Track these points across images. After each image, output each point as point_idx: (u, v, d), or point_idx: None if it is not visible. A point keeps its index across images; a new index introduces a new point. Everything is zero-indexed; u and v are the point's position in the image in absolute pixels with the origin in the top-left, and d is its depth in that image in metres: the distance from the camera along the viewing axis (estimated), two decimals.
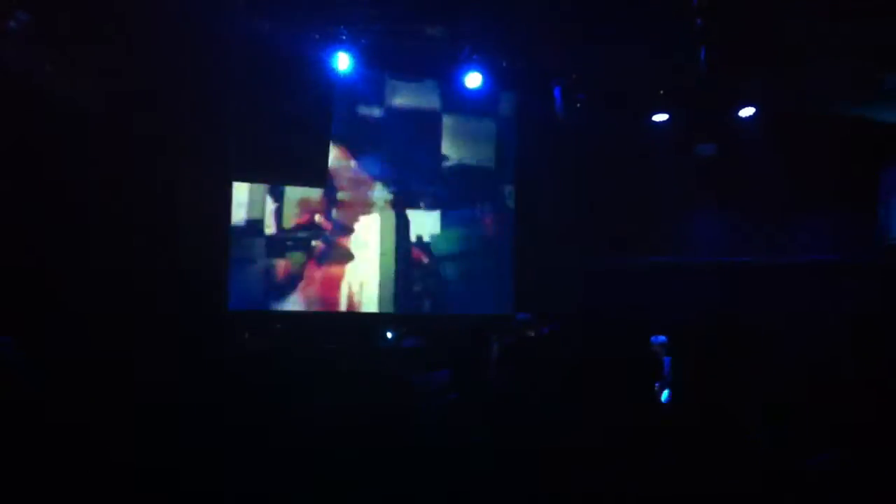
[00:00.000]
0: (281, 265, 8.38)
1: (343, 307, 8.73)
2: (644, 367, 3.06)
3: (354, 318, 8.68)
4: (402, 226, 9.10)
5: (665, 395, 5.41)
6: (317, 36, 7.08)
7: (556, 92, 8.21)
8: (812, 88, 7.47)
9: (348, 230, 8.77)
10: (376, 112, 8.87)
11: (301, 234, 8.46)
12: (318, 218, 8.55)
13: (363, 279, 8.87)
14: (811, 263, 8.81)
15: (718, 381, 3.39)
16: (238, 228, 7.75)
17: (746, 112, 8.10)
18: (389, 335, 6.34)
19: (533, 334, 6.92)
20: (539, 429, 2.76)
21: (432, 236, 9.25)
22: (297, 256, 8.47)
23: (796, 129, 8.29)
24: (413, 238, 9.16)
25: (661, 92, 8.15)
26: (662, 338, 7.08)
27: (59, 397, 3.02)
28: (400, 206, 9.09)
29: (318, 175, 7.11)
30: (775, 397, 3.84)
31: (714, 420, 3.12)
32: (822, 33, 6.16)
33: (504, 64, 7.93)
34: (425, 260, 9.21)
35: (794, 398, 3.75)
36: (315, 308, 8.58)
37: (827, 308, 8.27)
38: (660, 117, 8.46)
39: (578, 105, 8.31)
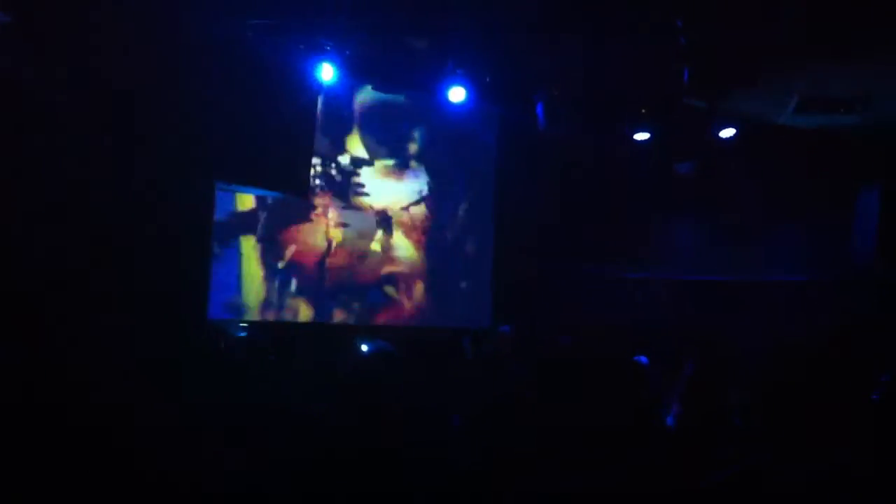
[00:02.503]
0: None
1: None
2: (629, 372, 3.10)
3: (328, 328, 8.68)
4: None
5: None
6: (301, 46, 7.09)
7: (539, 107, 8.26)
8: (791, 107, 7.59)
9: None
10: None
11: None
12: None
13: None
14: (786, 282, 8.92)
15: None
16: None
17: (727, 132, 8.20)
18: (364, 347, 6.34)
19: (510, 347, 6.94)
20: (529, 431, 2.78)
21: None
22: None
23: (775, 148, 8.40)
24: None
25: (643, 110, 8.23)
26: (643, 358, 7.08)
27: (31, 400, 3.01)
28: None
29: (300, 184, 7.10)
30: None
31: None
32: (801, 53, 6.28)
33: (488, 78, 7.98)
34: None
35: (766, 413, 3.80)
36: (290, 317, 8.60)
37: (801, 325, 8.37)
38: (641, 136, 8.54)
39: (560, 120, 8.37)
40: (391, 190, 9.21)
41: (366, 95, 8.92)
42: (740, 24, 5.39)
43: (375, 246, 9.09)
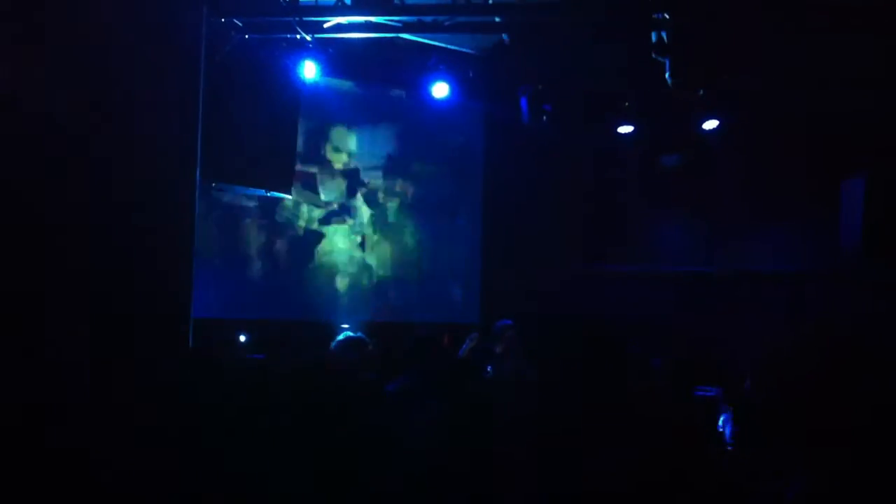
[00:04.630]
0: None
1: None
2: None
3: (318, 326, 8.64)
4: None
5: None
6: (284, 44, 7.05)
7: (523, 102, 8.25)
8: (773, 100, 7.60)
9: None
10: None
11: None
12: None
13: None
14: (774, 273, 8.93)
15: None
16: None
17: (711, 124, 8.21)
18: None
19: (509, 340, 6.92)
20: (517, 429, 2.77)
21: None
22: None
23: (760, 140, 8.41)
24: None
25: (627, 104, 8.23)
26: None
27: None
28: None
29: (283, 181, 7.08)
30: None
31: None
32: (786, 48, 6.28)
33: (471, 74, 7.95)
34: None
35: (755, 406, 3.79)
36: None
37: (788, 318, 8.38)
38: (625, 129, 8.54)
39: (545, 115, 8.35)
40: (378, 187, 9.20)
41: (348, 93, 8.89)
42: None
43: (361, 243, 9.08)
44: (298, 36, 6.89)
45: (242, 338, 7.75)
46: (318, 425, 2.81)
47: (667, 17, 5.68)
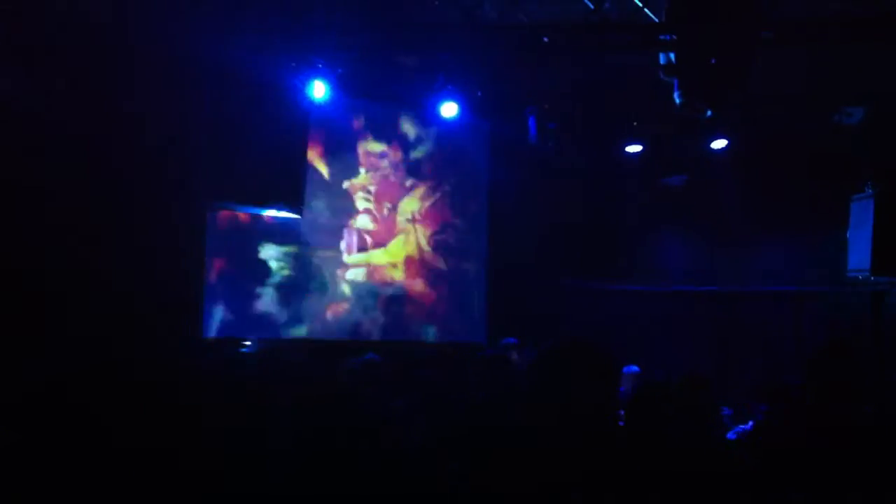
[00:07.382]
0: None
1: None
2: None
3: (324, 344, 8.63)
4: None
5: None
6: (293, 63, 7.09)
7: (531, 121, 8.27)
8: (778, 119, 7.62)
9: None
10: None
11: None
12: None
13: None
14: (776, 292, 8.93)
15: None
16: None
17: (718, 144, 8.23)
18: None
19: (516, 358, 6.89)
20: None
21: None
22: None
23: (765, 160, 8.43)
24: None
25: (635, 123, 8.25)
26: (635, 368, 7.09)
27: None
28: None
29: (293, 202, 7.09)
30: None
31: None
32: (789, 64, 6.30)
33: (479, 93, 7.98)
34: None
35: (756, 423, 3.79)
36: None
37: (790, 336, 8.39)
38: (633, 148, 8.56)
39: (551, 134, 8.39)
40: (383, 205, 9.20)
41: (355, 112, 8.91)
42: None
43: (370, 263, 9.09)
44: (307, 56, 6.94)
45: (247, 342, 7.73)
46: (329, 443, 2.82)
47: (674, 38, 5.71)
